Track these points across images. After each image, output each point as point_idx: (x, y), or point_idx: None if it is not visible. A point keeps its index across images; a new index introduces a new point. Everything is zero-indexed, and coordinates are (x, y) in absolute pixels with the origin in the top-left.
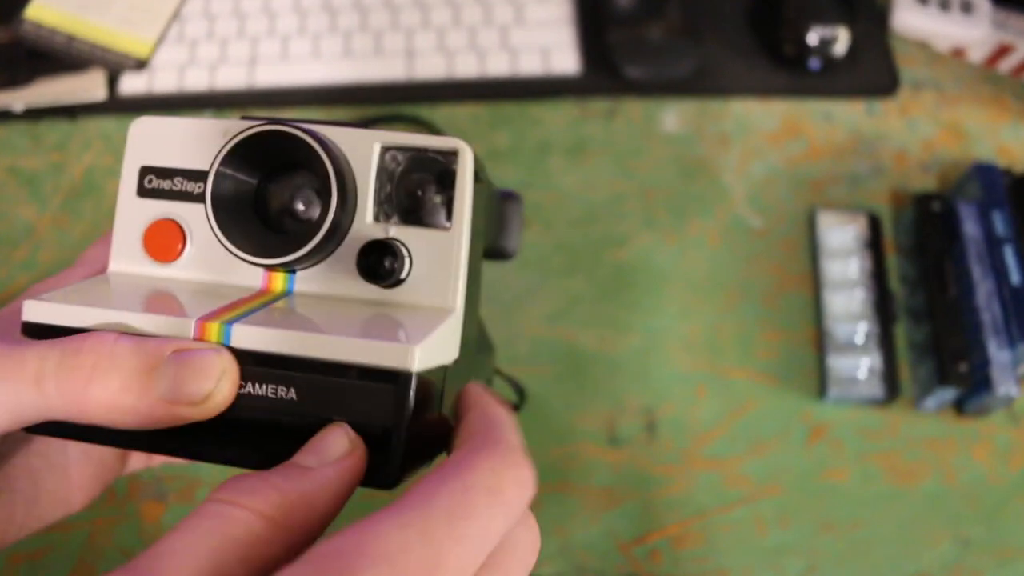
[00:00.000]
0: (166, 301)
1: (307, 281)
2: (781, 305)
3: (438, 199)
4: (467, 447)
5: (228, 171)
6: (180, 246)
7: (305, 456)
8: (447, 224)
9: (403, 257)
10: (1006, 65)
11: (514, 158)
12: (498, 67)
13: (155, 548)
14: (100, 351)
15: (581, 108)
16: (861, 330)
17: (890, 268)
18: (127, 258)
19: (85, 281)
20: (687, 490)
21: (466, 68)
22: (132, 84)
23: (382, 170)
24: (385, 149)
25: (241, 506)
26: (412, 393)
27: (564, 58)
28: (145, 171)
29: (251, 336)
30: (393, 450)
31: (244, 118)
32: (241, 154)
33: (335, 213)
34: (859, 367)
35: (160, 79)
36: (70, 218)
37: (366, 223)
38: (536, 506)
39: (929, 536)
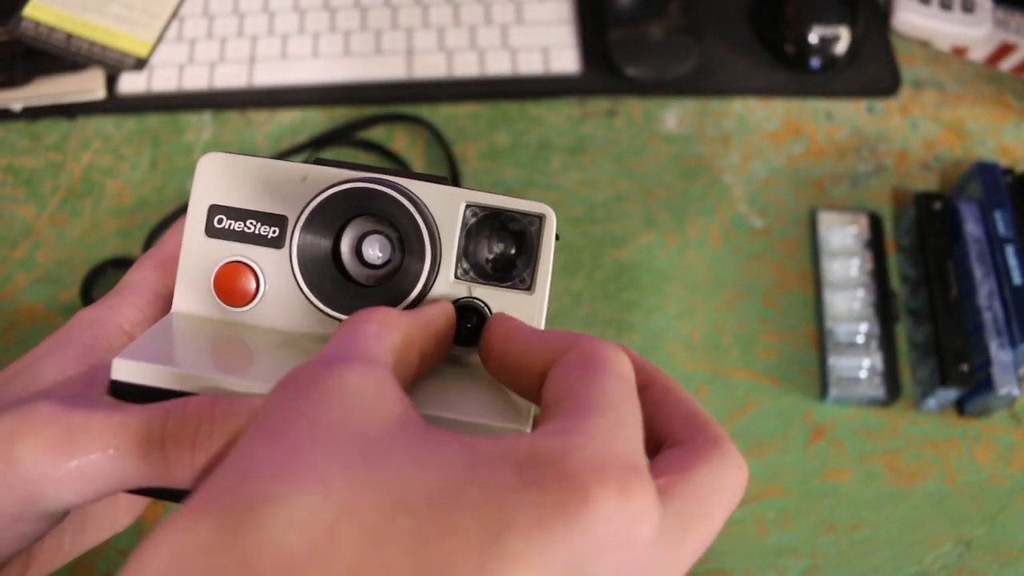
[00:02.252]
0: (253, 359)
1: None
2: (782, 305)
3: (512, 254)
4: (700, 445)
5: (313, 226)
6: (253, 291)
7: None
8: (525, 284)
9: (487, 318)
10: (1008, 64)
11: (514, 158)
12: (498, 66)
13: (335, 338)
14: (201, 417)
15: (581, 108)
16: (862, 330)
17: (891, 268)
18: (194, 299)
19: (159, 329)
20: None
21: (466, 67)
22: (131, 83)
23: (464, 228)
24: (468, 207)
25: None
26: None
27: (564, 57)
28: (215, 210)
29: None
30: None
31: (316, 161)
32: (326, 208)
33: (427, 276)
34: (860, 367)
35: (159, 78)
36: (69, 217)
37: (448, 281)
38: None
39: (931, 537)
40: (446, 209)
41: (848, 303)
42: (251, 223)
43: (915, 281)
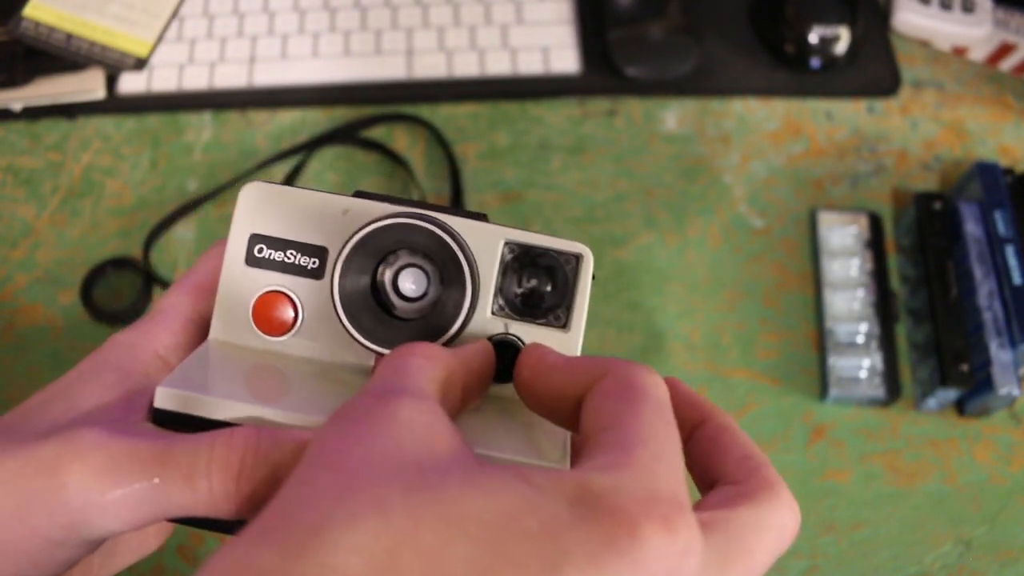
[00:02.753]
0: (293, 390)
1: None
2: (782, 305)
3: (546, 290)
4: (751, 486)
5: (355, 260)
6: (291, 321)
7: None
8: (560, 321)
9: None
10: (1008, 64)
11: (514, 157)
12: (498, 66)
13: (382, 372)
14: (246, 447)
15: (581, 107)
16: (862, 330)
17: (891, 268)
18: (232, 327)
19: (198, 358)
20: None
21: (466, 67)
22: (131, 83)
23: (501, 264)
24: (506, 244)
25: (442, 353)
26: None
27: (564, 57)
28: (256, 239)
29: None
30: None
31: (358, 194)
32: (368, 242)
33: (467, 313)
34: (860, 367)
35: (159, 78)
36: (69, 218)
37: (485, 317)
38: None
39: (931, 537)
40: (485, 247)
41: (848, 303)
42: (291, 253)
43: (915, 281)
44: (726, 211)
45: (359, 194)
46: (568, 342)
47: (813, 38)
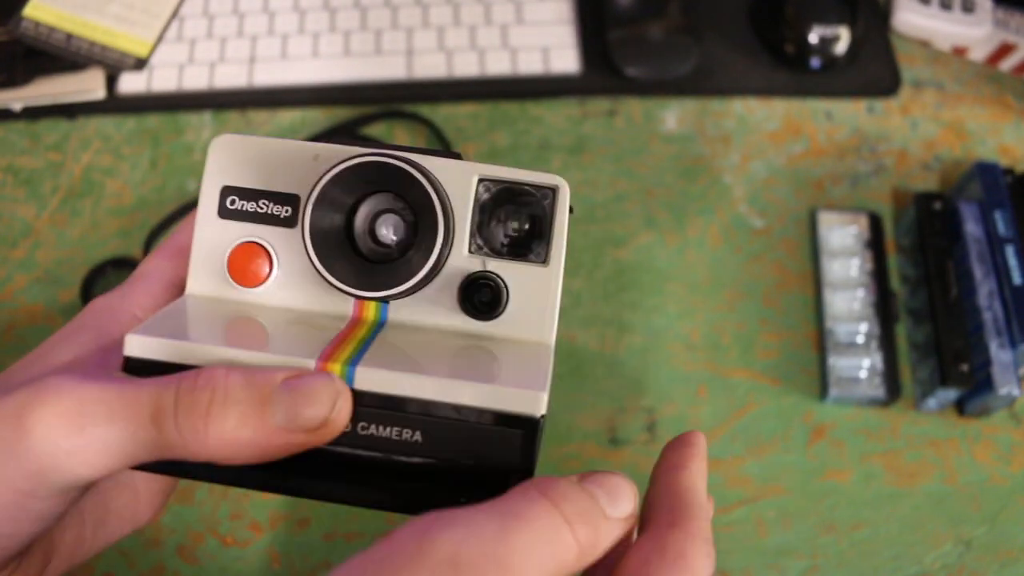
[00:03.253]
0: (269, 335)
1: (401, 310)
2: (782, 305)
3: (527, 229)
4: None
5: (326, 201)
6: (267, 271)
7: (609, 500)
8: (540, 257)
9: (502, 291)
10: (1008, 64)
11: (514, 158)
12: (498, 66)
13: (501, 545)
14: (215, 386)
15: (581, 107)
16: (862, 330)
17: (891, 268)
18: (208, 281)
19: (172, 309)
20: None
21: (466, 67)
22: (131, 83)
23: (476, 202)
24: (480, 181)
25: (573, 530)
26: (540, 437)
27: (564, 57)
28: (227, 191)
29: (376, 379)
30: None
31: (332, 141)
32: (338, 183)
33: (440, 250)
34: (860, 367)
35: (159, 78)
36: (69, 217)
37: (463, 255)
38: None
39: (931, 537)
40: (459, 183)
41: (848, 303)
42: (264, 203)
43: (915, 281)
44: (726, 211)
45: (334, 141)
46: (547, 278)
47: (813, 38)
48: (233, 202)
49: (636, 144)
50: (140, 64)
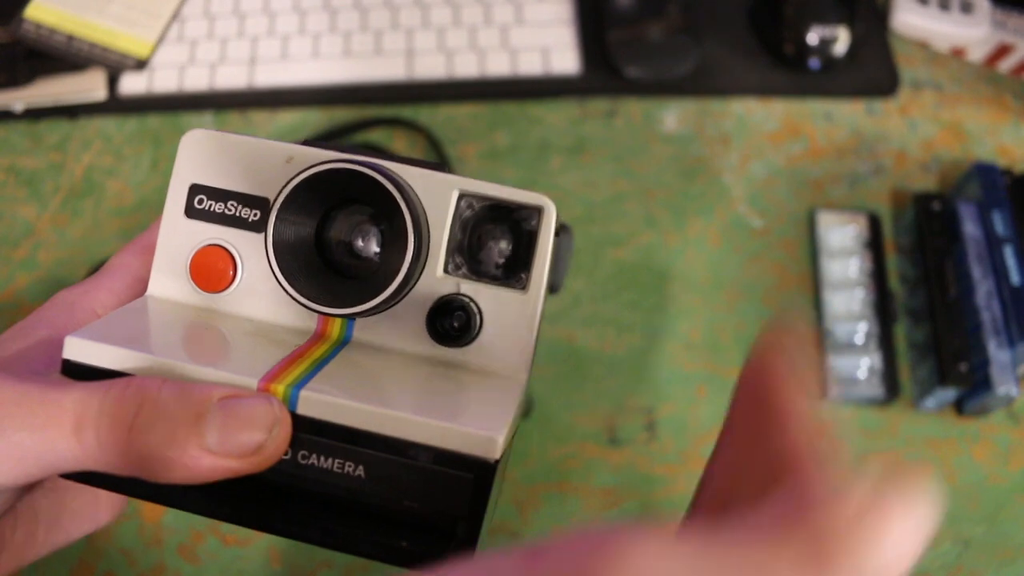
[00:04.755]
0: (219, 347)
1: (367, 330)
2: (781, 305)
3: (507, 250)
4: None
5: (292, 207)
6: (230, 277)
7: None
8: (521, 282)
9: (474, 317)
10: (1006, 65)
11: (514, 158)
12: (498, 67)
13: None
14: (143, 398)
15: (581, 108)
16: (861, 330)
17: (890, 268)
18: (169, 282)
19: (126, 311)
20: (687, 490)
21: (466, 68)
22: (132, 84)
23: (456, 219)
24: (462, 196)
25: None
26: (493, 483)
27: (564, 58)
28: (196, 190)
29: (320, 406)
30: (461, 541)
31: (306, 142)
32: (307, 190)
33: (408, 267)
34: (859, 367)
35: (160, 79)
36: (70, 218)
37: (436, 275)
38: (536, 506)
39: (929, 536)
40: (438, 197)
41: (847, 303)
42: (232, 205)
43: (914, 281)
44: (725, 211)
45: (308, 142)
46: (525, 305)
47: (812, 39)
48: (201, 201)
49: (636, 144)
50: (141, 65)
